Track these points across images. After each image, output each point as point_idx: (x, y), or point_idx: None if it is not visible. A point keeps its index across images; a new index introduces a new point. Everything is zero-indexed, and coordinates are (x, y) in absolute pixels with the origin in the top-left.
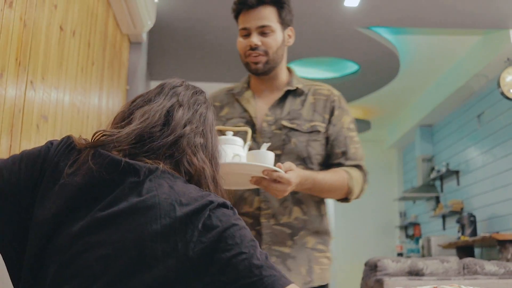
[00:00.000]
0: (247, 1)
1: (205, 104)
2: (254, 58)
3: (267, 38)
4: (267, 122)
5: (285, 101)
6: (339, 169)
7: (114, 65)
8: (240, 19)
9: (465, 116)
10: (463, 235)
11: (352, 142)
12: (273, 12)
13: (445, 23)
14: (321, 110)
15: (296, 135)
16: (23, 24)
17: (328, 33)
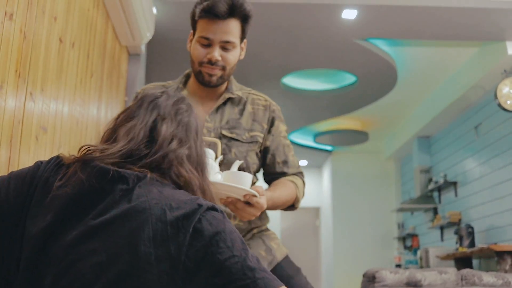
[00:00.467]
0: (217, 10)
1: (187, 112)
2: (210, 70)
3: (228, 54)
4: (207, 128)
5: (224, 108)
6: (286, 181)
7: (113, 76)
8: (202, 25)
9: (462, 128)
10: (461, 246)
11: (289, 150)
12: (237, 26)
13: (442, 35)
14: (260, 119)
15: (236, 145)
16: (23, 36)
17: (326, 45)
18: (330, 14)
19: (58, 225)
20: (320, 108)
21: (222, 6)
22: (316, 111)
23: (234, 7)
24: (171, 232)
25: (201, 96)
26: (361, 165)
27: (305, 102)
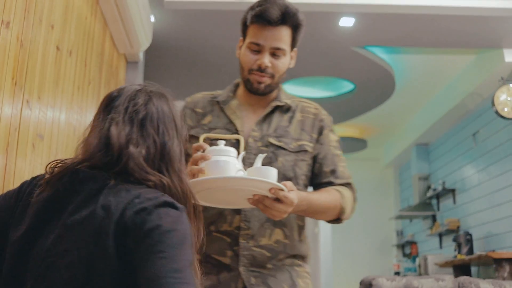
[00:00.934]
0: (270, 16)
1: (145, 105)
2: (259, 78)
3: (278, 61)
4: (254, 138)
5: (272, 116)
6: (331, 189)
7: (111, 84)
8: (254, 30)
9: (460, 135)
10: (460, 254)
11: (340, 160)
12: (288, 34)
13: (440, 43)
14: (309, 129)
15: (283, 154)
16: (19, 44)
17: (323, 52)
18: (327, 22)
19: (36, 230)
20: None
21: (275, 12)
22: None
23: (287, 15)
24: (130, 227)
25: (251, 104)
26: (360, 172)
27: None
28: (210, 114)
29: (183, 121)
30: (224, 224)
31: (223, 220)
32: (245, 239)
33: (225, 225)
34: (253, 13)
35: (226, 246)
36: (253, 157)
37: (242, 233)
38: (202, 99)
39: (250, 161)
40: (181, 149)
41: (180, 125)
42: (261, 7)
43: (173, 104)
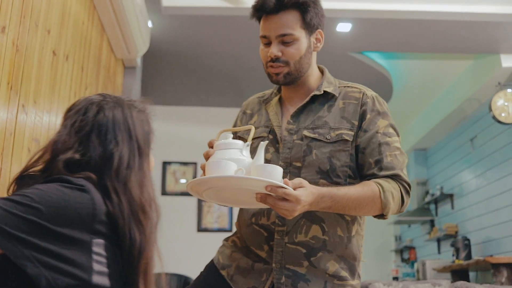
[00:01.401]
0: (266, 6)
1: (95, 117)
2: (274, 69)
3: (289, 48)
4: (289, 131)
5: (311, 107)
6: (370, 182)
7: (108, 89)
8: (261, 24)
9: (458, 140)
10: (458, 259)
11: (388, 149)
12: (296, 17)
13: (437, 48)
14: (350, 115)
15: (318, 146)
16: (15, 48)
17: (321, 58)
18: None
19: None
20: None
21: (270, 1)
22: None
23: (283, 0)
24: None
25: (290, 97)
26: None
27: None
28: (256, 114)
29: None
30: (263, 217)
31: (262, 213)
32: (279, 235)
33: (263, 219)
34: (254, 5)
35: (263, 240)
36: (287, 151)
37: (277, 229)
38: (253, 100)
39: (285, 155)
40: (135, 154)
41: (139, 131)
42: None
43: (130, 113)
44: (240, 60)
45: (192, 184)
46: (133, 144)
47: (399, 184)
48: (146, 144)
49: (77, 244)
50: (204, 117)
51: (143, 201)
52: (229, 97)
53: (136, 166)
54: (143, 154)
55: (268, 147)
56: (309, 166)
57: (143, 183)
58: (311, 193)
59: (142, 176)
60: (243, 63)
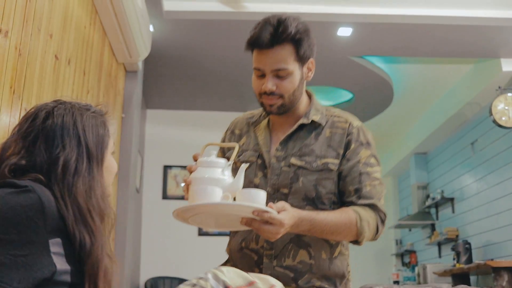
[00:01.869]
0: (260, 41)
1: (42, 124)
2: (269, 101)
3: (283, 82)
4: (277, 158)
5: (299, 134)
6: (348, 209)
7: (110, 93)
8: (254, 56)
9: (459, 144)
10: (459, 263)
11: (368, 178)
12: (290, 50)
13: (437, 52)
14: (336, 145)
15: (304, 174)
16: (18, 53)
17: (321, 62)
18: (325, 32)
19: None
20: None
21: (266, 35)
22: None
23: (278, 35)
24: None
25: (279, 123)
26: None
27: None
28: (245, 135)
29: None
30: (252, 242)
31: (251, 238)
32: (268, 259)
33: (252, 243)
34: (248, 40)
35: (253, 263)
36: (275, 178)
37: (266, 253)
38: (242, 120)
39: (273, 181)
40: (83, 159)
41: (90, 136)
42: (254, 32)
43: (81, 117)
44: (241, 64)
45: (178, 211)
46: (82, 149)
47: (375, 213)
48: (98, 149)
49: (33, 247)
50: (205, 121)
51: (90, 206)
52: (230, 101)
53: (83, 171)
54: (93, 158)
55: (257, 172)
56: (295, 193)
57: (93, 188)
58: (292, 216)
59: (92, 181)
60: (244, 67)
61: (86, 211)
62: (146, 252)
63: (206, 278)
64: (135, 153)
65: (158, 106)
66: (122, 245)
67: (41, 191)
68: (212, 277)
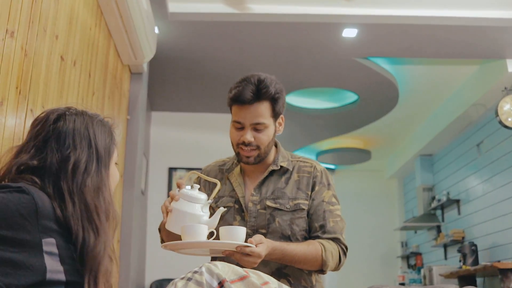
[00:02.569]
0: (243, 98)
1: (54, 125)
2: (246, 152)
3: (260, 134)
4: (253, 202)
5: (270, 179)
6: (315, 242)
7: (115, 95)
8: (234, 110)
9: (464, 145)
10: (465, 265)
11: (331, 215)
12: (267, 107)
13: (443, 53)
14: (304, 187)
15: (280, 214)
16: (24, 53)
17: (326, 63)
18: (330, 33)
19: None
20: (322, 127)
21: (247, 94)
22: (318, 130)
23: (259, 93)
24: None
25: (251, 170)
26: (364, 184)
27: (307, 121)
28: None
29: (106, 137)
30: None
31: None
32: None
33: None
34: (230, 96)
35: None
36: (253, 220)
37: None
38: (214, 168)
39: (251, 223)
40: (93, 160)
41: (100, 140)
42: (236, 90)
43: (92, 122)
44: (246, 66)
45: (170, 246)
46: (92, 150)
47: (338, 246)
48: (106, 154)
49: (25, 245)
50: (209, 123)
51: (98, 205)
52: None
53: (93, 171)
54: (102, 161)
55: (235, 216)
56: (273, 232)
57: (100, 189)
58: (267, 247)
59: (100, 182)
60: (249, 69)
61: (93, 208)
62: (151, 254)
63: (201, 272)
64: (140, 155)
65: (163, 108)
66: (127, 247)
67: (35, 192)
68: (206, 270)
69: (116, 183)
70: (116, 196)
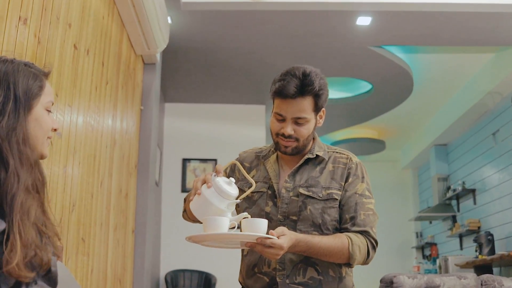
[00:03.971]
0: (287, 92)
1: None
2: (285, 142)
3: (301, 128)
4: (286, 188)
5: (305, 168)
6: (342, 235)
7: (128, 85)
8: (276, 102)
9: (480, 134)
10: (481, 254)
11: (362, 208)
12: (310, 102)
13: (458, 41)
14: (338, 178)
15: (312, 203)
16: (37, 41)
17: (340, 52)
18: (344, 21)
19: None
20: (336, 117)
21: (292, 88)
22: (332, 120)
23: (303, 88)
24: None
25: (287, 159)
26: (378, 174)
27: None
28: (255, 168)
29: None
30: (264, 266)
31: (263, 262)
32: (281, 278)
33: (265, 267)
34: (274, 89)
35: (266, 285)
36: (285, 206)
37: (278, 274)
38: (250, 154)
39: (283, 209)
40: (9, 101)
41: (20, 82)
42: (280, 83)
43: (13, 66)
44: (259, 56)
45: (193, 238)
46: (10, 92)
47: (367, 239)
48: (27, 96)
49: None
50: (223, 114)
51: (7, 143)
52: (248, 93)
53: (8, 111)
54: (21, 104)
55: (268, 201)
56: (304, 219)
57: (14, 130)
58: (290, 239)
59: (15, 123)
60: (262, 59)
61: (3, 147)
62: (166, 245)
63: None
64: (154, 147)
65: (176, 100)
66: (142, 238)
67: None
68: None
69: (45, 130)
70: (130, 187)
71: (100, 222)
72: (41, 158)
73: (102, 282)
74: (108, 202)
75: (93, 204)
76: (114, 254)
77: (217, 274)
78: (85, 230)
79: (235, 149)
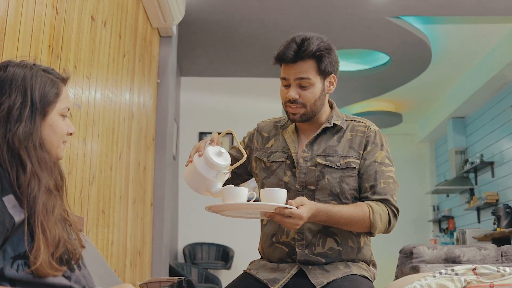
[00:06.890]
0: (286, 57)
1: None
2: (292, 109)
3: (305, 92)
4: (304, 158)
5: (323, 137)
6: (362, 203)
7: (145, 58)
8: (282, 68)
9: (499, 107)
10: (499, 227)
11: (382, 176)
12: (312, 65)
13: (477, 11)
14: (357, 146)
15: (329, 172)
16: (55, 11)
17: (358, 24)
18: None
19: None
20: (352, 90)
21: (289, 53)
22: (349, 92)
23: (300, 52)
24: None
25: (305, 128)
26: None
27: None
28: (273, 138)
29: (46, 86)
30: (283, 235)
31: (282, 232)
32: (300, 248)
33: (283, 237)
34: (274, 55)
35: (285, 254)
36: (303, 176)
37: (297, 244)
38: (269, 124)
39: (301, 179)
40: (27, 107)
41: (37, 88)
42: (280, 49)
43: (31, 72)
44: (276, 27)
45: (213, 208)
46: (27, 98)
47: (388, 208)
48: (42, 102)
49: None
50: (239, 87)
51: (24, 148)
52: (264, 67)
53: (25, 117)
54: (37, 110)
55: (286, 171)
56: (322, 189)
57: (31, 135)
58: (310, 209)
59: (31, 129)
60: (279, 30)
61: (21, 151)
62: (184, 219)
63: None
64: (171, 120)
65: (192, 74)
66: (160, 211)
67: None
68: None
69: (60, 136)
70: (148, 160)
71: (119, 195)
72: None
73: (122, 254)
74: (127, 175)
75: (112, 177)
76: (133, 227)
77: (235, 246)
78: (105, 202)
79: (251, 122)
